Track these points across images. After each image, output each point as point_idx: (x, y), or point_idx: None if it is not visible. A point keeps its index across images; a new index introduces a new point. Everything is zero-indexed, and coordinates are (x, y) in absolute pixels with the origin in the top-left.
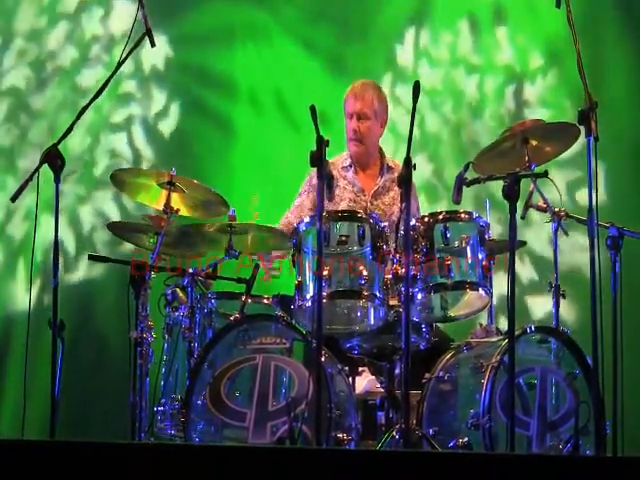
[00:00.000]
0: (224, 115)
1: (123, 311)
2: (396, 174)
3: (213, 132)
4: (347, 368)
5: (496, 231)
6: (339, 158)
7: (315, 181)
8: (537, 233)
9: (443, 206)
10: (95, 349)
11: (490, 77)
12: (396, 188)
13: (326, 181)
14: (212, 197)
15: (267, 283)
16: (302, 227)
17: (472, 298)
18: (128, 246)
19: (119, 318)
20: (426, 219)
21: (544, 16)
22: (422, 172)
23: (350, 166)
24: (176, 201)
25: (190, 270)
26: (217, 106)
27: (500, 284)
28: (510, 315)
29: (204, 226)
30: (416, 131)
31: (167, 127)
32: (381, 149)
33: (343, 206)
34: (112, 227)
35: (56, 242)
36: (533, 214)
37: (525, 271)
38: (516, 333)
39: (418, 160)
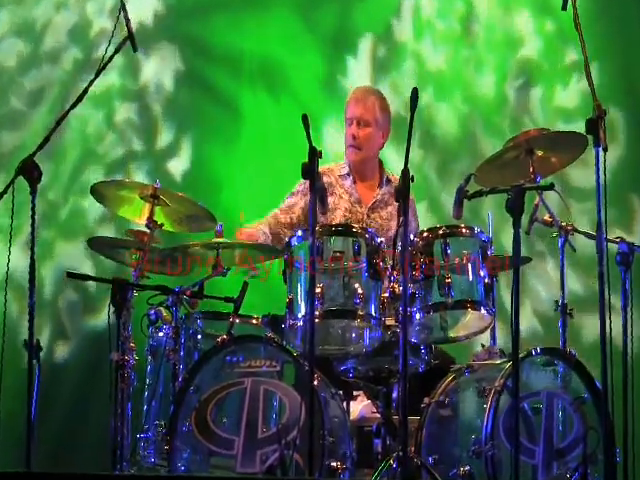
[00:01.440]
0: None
1: (103, 331)
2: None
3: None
4: (341, 392)
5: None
6: (337, 166)
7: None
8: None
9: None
10: (73, 372)
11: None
12: (395, 203)
13: (319, 194)
14: (198, 211)
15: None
16: (294, 241)
17: (473, 318)
18: (109, 263)
19: (99, 339)
20: (425, 234)
21: None
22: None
23: (348, 174)
24: (160, 215)
25: (175, 288)
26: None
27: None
28: (514, 336)
29: (189, 247)
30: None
31: None
32: (381, 161)
33: (338, 215)
34: (92, 243)
35: (32, 259)
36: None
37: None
38: (520, 355)
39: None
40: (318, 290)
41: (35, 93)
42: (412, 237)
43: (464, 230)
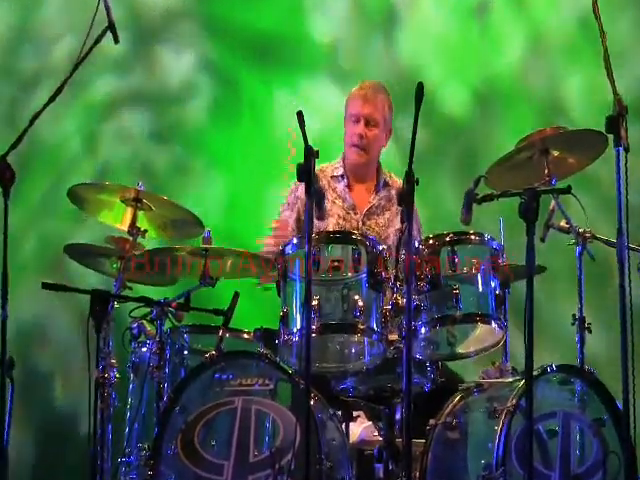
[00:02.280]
0: None
1: (82, 347)
2: (393, 192)
3: None
4: (340, 413)
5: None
6: (329, 165)
7: (301, 192)
8: None
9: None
10: (49, 390)
11: None
12: (393, 208)
13: (316, 198)
14: (184, 216)
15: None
16: (288, 250)
17: (484, 332)
18: (88, 273)
19: (78, 355)
20: (431, 241)
21: None
22: None
23: (342, 177)
24: (143, 220)
25: (159, 300)
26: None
27: None
28: (528, 352)
29: (175, 251)
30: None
31: None
32: (379, 163)
33: (331, 223)
34: (70, 251)
35: (5, 268)
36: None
37: None
38: (535, 373)
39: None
40: (315, 302)
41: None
42: (417, 244)
43: (473, 237)
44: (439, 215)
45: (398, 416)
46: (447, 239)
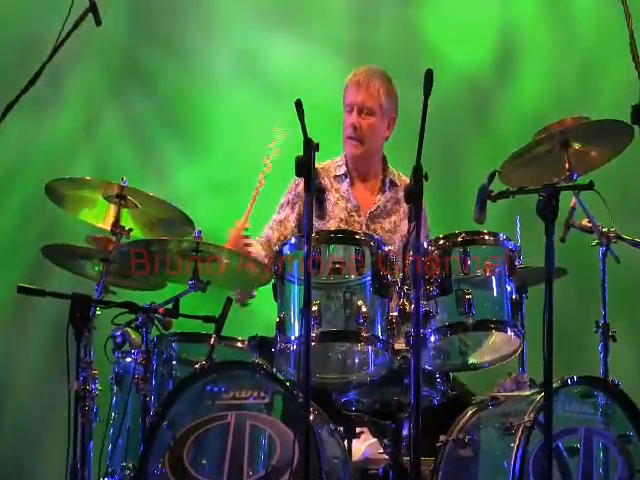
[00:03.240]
0: None
1: (61, 357)
2: (401, 194)
3: None
4: (342, 428)
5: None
6: (332, 163)
7: (301, 189)
8: None
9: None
10: (25, 404)
11: None
12: (401, 211)
13: (316, 195)
14: (173, 214)
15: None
16: (286, 250)
17: (499, 341)
18: (67, 275)
19: (56, 365)
20: (441, 242)
21: None
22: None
23: (345, 176)
24: (127, 219)
25: (145, 305)
26: None
27: None
28: (547, 362)
29: (166, 245)
30: None
31: None
32: (385, 158)
33: (332, 226)
34: (47, 251)
35: None
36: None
37: None
38: (554, 385)
39: None
40: (314, 308)
41: None
42: (426, 245)
43: (487, 237)
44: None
45: (405, 432)
46: (459, 239)
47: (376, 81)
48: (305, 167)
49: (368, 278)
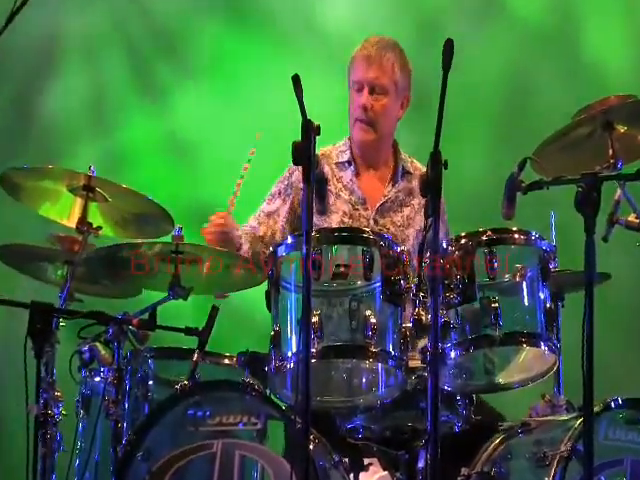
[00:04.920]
0: None
1: (18, 376)
2: (415, 183)
3: None
4: (347, 460)
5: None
6: (333, 148)
7: (296, 179)
8: None
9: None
10: None
11: None
12: (414, 202)
13: (316, 186)
14: (149, 209)
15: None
16: (282, 252)
17: (531, 357)
18: (26, 281)
19: (12, 386)
20: (463, 241)
21: None
22: None
23: (349, 163)
24: (96, 215)
25: (117, 315)
26: None
27: None
28: (587, 382)
29: (139, 248)
30: None
31: None
32: (396, 143)
33: (334, 221)
34: (2, 252)
35: None
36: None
37: None
38: (595, 409)
39: None
40: (315, 319)
41: None
42: (445, 245)
43: (517, 235)
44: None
45: (421, 464)
46: (484, 238)
47: (390, 54)
48: (304, 154)
49: (377, 284)
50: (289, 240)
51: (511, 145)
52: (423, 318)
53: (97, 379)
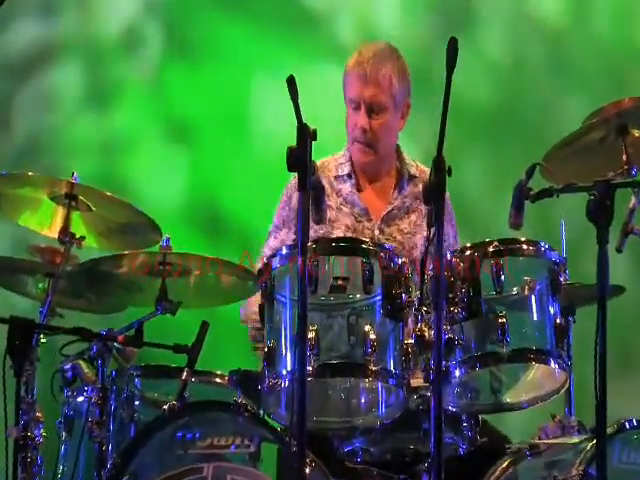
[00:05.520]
0: None
1: None
2: (421, 186)
3: None
4: None
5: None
6: (332, 160)
7: (296, 201)
8: None
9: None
10: None
11: None
12: (421, 207)
13: (312, 194)
14: (135, 218)
15: None
16: (276, 263)
17: (540, 375)
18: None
19: None
20: (468, 252)
21: None
22: None
23: (349, 176)
24: (79, 225)
25: (101, 331)
26: None
27: None
28: (600, 402)
29: (123, 260)
30: None
31: None
32: (399, 148)
33: (337, 234)
34: None
35: None
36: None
37: None
38: (609, 430)
39: None
40: (311, 335)
41: None
42: (449, 256)
43: (526, 246)
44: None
45: None
46: (490, 249)
47: (386, 68)
48: (299, 159)
49: (378, 297)
50: (284, 251)
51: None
52: (426, 334)
53: (80, 399)
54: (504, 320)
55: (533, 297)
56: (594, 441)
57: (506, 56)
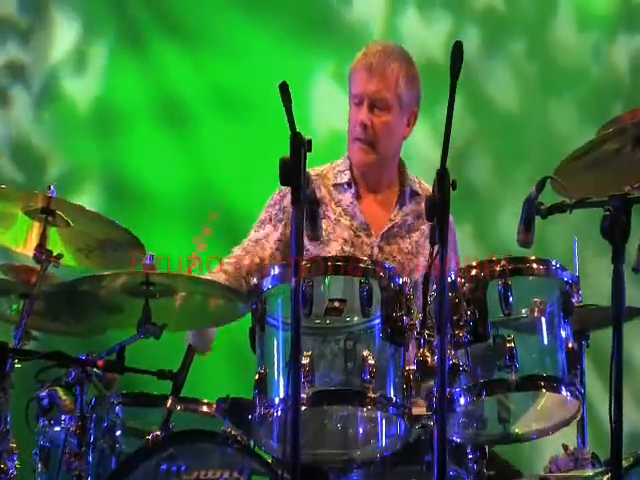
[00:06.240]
0: None
1: None
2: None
3: None
4: None
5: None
6: (330, 168)
7: (288, 203)
8: None
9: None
10: None
11: None
12: (423, 227)
13: (308, 208)
14: (117, 234)
15: None
16: (267, 284)
17: (550, 404)
18: None
19: None
20: (474, 272)
21: None
22: None
23: (349, 185)
24: (56, 241)
25: (79, 356)
26: None
27: None
28: (615, 432)
29: (103, 280)
30: None
31: None
32: (402, 162)
33: (333, 250)
34: None
35: None
36: None
37: None
38: (624, 463)
39: None
40: (305, 360)
41: None
42: (453, 276)
43: (536, 265)
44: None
45: None
46: (497, 268)
47: (394, 64)
48: (293, 172)
49: (377, 321)
50: (275, 271)
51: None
52: (429, 359)
53: (57, 429)
54: (512, 344)
55: (543, 320)
56: (609, 475)
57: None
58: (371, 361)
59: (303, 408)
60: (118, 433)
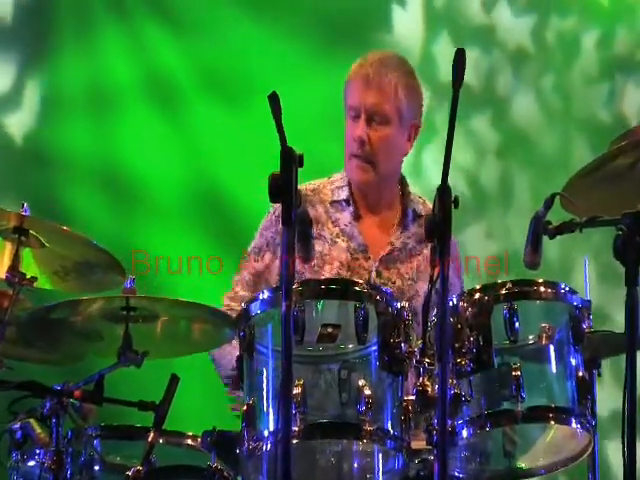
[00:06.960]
0: None
1: None
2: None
3: None
4: None
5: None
6: (327, 183)
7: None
8: None
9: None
10: None
11: None
12: (426, 252)
13: (299, 229)
14: (95, 256)
15: None
16: (255, 309)
17: (560, 437)
18: None
19: None
20: (478, 296)
21: None
22: None
23: (347, 202)
24: (30, 263)
25: (55, 386)
26: None
27: None
28: (628, 467)
29: (80, 305)
30: None
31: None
32: (404, 179)
33: (328, 273)
34: None
35: None
36: None
37: None
38: None
39: None
40: (297, 390)
41: None
42: (455, 300)
43: (543, 288)
44: None
45: None
46: (503, 292)
47: (392, 75)
48: (283, 188)
49: (373, 348)
50: (264, 295)
51: None
52: (429, 389)
53: (31, 463)
54: (519, 373)
55: (552, 347)
56: None
57: None
58: (367, 391)
59: (294, 442)
60: (96, 468)
